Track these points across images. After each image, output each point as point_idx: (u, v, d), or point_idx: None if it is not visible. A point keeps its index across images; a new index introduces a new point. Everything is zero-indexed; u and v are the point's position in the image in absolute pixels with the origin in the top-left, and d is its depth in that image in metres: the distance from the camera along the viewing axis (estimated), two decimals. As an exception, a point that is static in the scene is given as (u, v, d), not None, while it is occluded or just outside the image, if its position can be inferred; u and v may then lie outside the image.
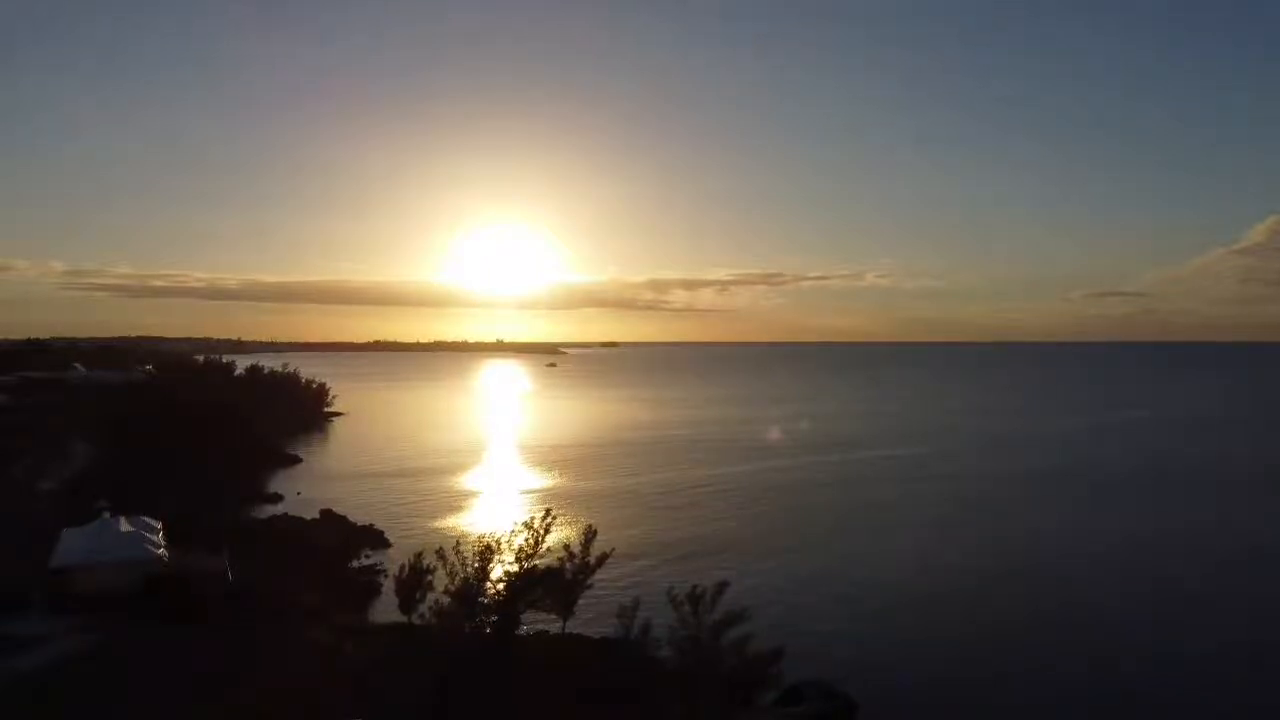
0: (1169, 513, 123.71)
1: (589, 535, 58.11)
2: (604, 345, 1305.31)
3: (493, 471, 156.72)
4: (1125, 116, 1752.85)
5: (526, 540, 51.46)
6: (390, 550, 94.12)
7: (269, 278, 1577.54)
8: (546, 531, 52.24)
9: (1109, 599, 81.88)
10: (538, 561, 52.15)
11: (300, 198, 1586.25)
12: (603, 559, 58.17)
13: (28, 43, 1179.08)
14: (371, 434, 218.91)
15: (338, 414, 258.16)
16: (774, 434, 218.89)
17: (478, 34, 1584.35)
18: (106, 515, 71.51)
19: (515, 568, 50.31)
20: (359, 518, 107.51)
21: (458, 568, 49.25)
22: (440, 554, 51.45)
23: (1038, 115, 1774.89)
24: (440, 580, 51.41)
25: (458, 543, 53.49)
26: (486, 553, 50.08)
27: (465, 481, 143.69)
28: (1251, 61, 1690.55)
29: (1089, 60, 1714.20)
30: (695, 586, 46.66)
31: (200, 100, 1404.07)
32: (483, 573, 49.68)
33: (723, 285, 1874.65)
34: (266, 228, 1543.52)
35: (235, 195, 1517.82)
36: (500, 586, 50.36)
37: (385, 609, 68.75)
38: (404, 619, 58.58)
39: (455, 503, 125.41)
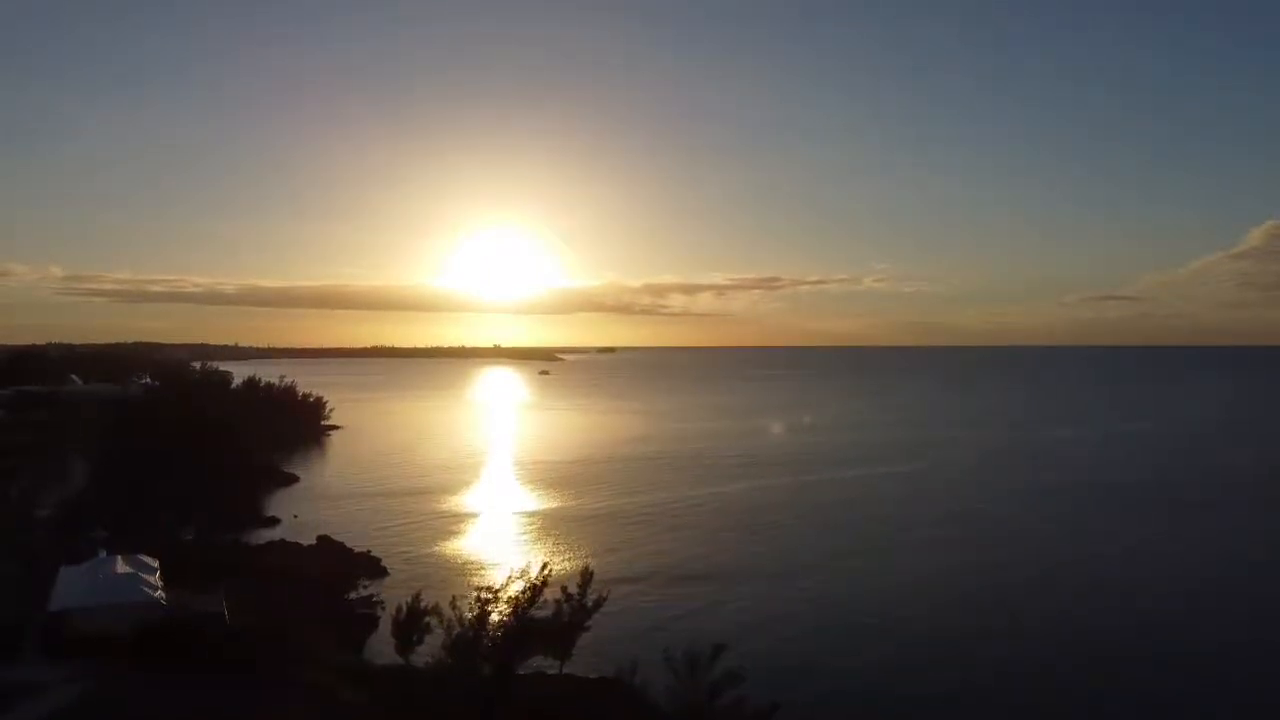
0: (1173, 517, 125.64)
1: (586, 577, 58.06)
2: (601, 350, 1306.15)
3: (487, 492, 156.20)
4: (1124, 118, 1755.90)
5: (523, 591, 51.44)
6: (387, 580, 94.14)
7: (267, 282, 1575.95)
8: (544, 585, 52.26)
9: (1117, 620, 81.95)
10: (535, 611, 52.14)
11: (299, 202, 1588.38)
12: (600, 602, 58.10)
13: (27, 45, 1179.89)
14: (369, 449, 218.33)
15: (335, 427, 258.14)
16: (770, 448, 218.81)
17: (475, 38, 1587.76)
18: (103, 553, 71.42)
19: (512, 619, 50.26)
20: (356, 543, 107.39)
21: (454, 623, 49.26)
22: (436, 608, 51.54)
23: (1038, 116, 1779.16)
24: (437, 631, 51.44)
25: (454, 598, 53.42)
26: (483, 605, 50.07)
27: (461, 503, 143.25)
28: (1251, 62, 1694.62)
29: (1089, 60, 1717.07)
30: (692, 647, 46.72)
31: (199, 104, 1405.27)
32: (480, 624, 49.68)
33: (720, 289, 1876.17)
34: (265, 232, 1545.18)
35: (234, 200, 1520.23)
36: (498, 636, 50.35)
37: (382, 646, 68.69)
38: (401, 661, 58.81)
39: (451, 527, 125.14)
